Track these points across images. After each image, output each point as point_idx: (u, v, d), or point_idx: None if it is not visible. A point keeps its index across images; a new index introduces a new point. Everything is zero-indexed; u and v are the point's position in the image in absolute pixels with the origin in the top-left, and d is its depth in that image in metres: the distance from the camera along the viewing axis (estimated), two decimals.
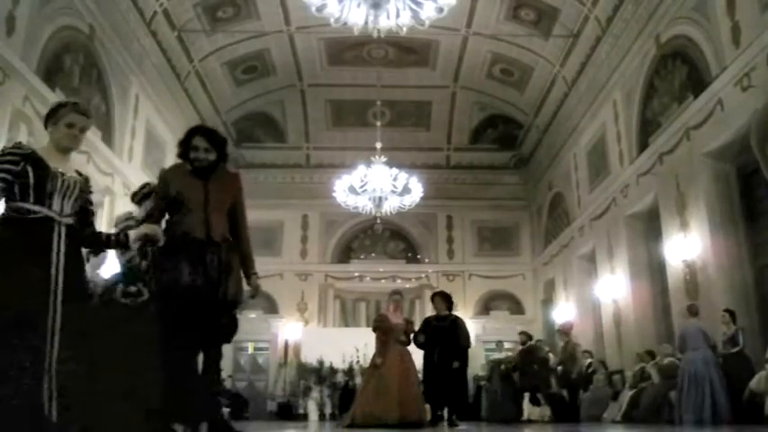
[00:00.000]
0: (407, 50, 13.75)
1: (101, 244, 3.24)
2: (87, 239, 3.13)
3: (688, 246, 8.86)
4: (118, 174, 10.49)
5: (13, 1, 7.58)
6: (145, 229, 3.36)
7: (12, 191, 2.84)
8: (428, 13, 8.35)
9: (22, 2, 7.71)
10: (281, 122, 16.30)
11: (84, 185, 3.06)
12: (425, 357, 7.54)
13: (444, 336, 7.51)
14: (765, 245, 8.11)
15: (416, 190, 12.68)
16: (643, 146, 10.33)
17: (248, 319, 15.32)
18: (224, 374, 13.59)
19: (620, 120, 11.23)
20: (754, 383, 6.92)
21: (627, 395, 9.45)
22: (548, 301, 15.58)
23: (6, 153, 2.87)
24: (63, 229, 2.91)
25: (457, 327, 7.62)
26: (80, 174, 3.08)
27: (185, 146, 3.67)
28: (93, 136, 9.66)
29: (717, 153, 8.47)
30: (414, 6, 8.32)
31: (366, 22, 8.39)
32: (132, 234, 3.27)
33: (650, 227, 10.72)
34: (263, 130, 16.33)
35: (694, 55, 8.76)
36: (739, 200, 8.51)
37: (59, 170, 2.92)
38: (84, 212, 3.09)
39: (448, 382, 7.40)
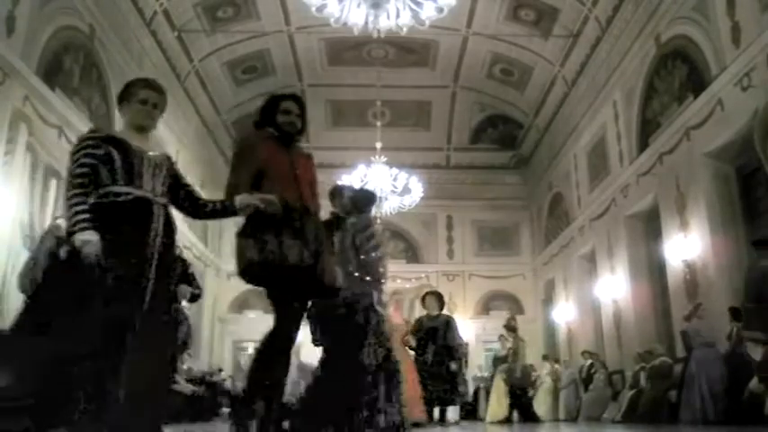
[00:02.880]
0: (407, 50, 13.75)
1: (212, 214, 3.01)
2: (201, 210, 2.97)
3: (688, 246, 8.85)
4: None
5: (13, 1, 7.57)
6: (253, 198, 2.94)
7: (99, 175, 2.69)
8: (428, 13, 8.37)
9: (22, 2, 7.70)
10: None
11: (170, 164, 2.90)
12: (417, 357, 7.47)
13: (437, 336, 7.52)
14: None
15: (416, 190, 12.68)
16: (643, 146, 10.33)
17: (248, 318, 15.37)
18: (225, 375, 13.73)
19: (620, 120, 11.22)
20: (753, 384, 6.90)
21: (627, 395, 9.46)
22: (548, 301, 15.59)
23: (85, 138, 2.75)
24: (161, 210, 2.75)
25: (449, 326, 7.64)
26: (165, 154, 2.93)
27: (270, 111, 3.32)
28: None
29: (717, 153, 8.46)
30: (414, 6, 8.33)
31: (366, 22, 8.41)
32: (238, 200, 2.93)
33: (650, 227, 10.72)
34: None
35: (694, 55, 8.76)
36: (739, 200, 8.50)
37: (142, 149, 2.77)
38: (180, 188, 2.93)
39: (442, 381, 7.41)
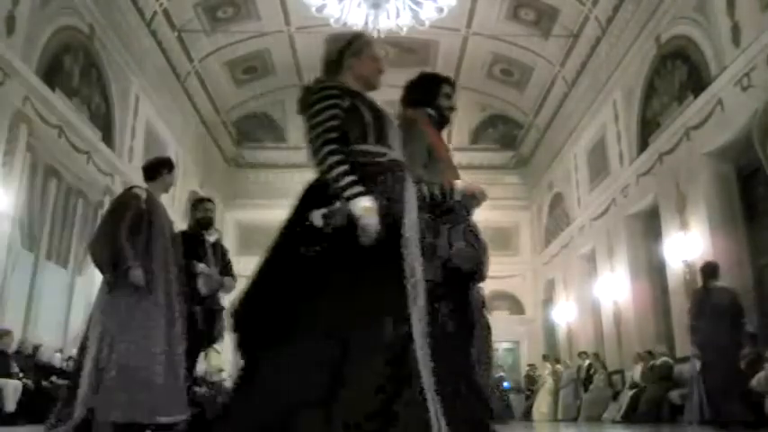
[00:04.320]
0: (407, 50, 13.73)
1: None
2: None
3: (688, 246, 8.85)
4: (118, 174, 10.47)
5: (13, 1, 7.58)
6: (476, 188, 2.63)
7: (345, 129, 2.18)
8: (428, 13, 8.39)
9: (22, 2, 7.71)
10: (282, 122, 16.29)
11: None
12: None
13: None
14: (765, 245, 8.10)
15: None
16: (643, 146, 10.32)
17: None
18: (224, 375, 13.73)
19: (620, 120, 11.22)
20: (754, 383, 6.91)
21: (627, 395, 9.46)
22: (548, 301, 15.58)
23: (323, 87, 2.21)
24: (411, 179, 2.24)
25: None
26: None
27: (430, 91, 3.01)
28: (93, 136, 9.68)
29: (717, 153, 8.46)
30: (414, 6, 8.34)
31: (366, 23, 8.42)
32: (460, 185, 2.62)
33: (650, 227, 10.71)
34: (263, 130, 16.32)
35: (694, 55, 8.76)
36: (739, 200, 8.49)
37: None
38: None
39: None
